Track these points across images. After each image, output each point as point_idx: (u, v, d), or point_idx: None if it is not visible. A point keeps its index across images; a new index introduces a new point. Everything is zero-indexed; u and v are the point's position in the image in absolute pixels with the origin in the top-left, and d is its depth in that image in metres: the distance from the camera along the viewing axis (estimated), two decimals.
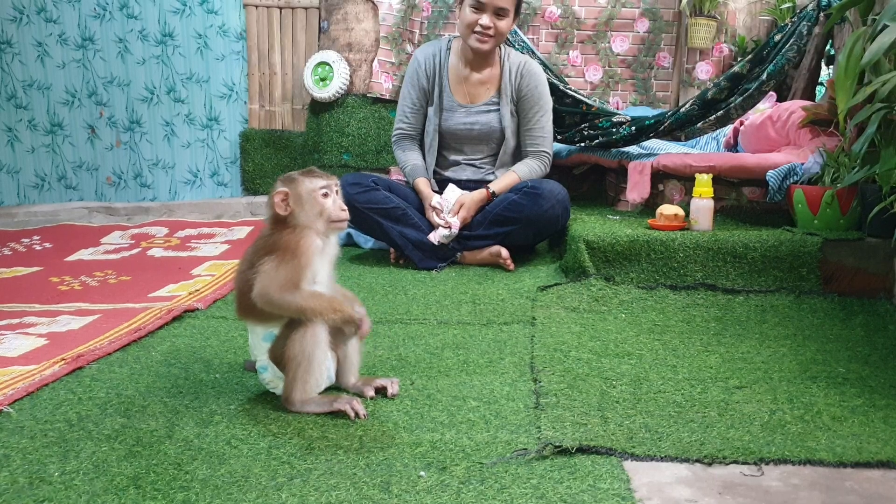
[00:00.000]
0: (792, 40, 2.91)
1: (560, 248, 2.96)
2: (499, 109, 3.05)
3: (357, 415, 1.59)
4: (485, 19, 2.90)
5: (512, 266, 2.83)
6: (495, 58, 3.08)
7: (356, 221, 2.95)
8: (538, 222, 2.85)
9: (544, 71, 3.26)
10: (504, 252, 2.84)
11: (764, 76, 2.95)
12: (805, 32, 2.91)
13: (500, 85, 3.05)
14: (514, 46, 3.27)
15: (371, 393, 1.70)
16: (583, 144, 3.34)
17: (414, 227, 2.89)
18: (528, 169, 3.02)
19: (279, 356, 1.63)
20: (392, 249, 3.02)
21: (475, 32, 2.93)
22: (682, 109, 3.14)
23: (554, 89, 3.26)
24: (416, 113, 3.14)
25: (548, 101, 3.08)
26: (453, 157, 3.13)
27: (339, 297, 1.67)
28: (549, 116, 3.08)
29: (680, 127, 3.15)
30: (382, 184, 2.95)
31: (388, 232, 2.90)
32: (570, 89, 3.37)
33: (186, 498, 1.26)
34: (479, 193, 2.96)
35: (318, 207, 1.65)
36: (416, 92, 3.12)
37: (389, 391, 1.71)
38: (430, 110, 3.11)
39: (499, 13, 2.91)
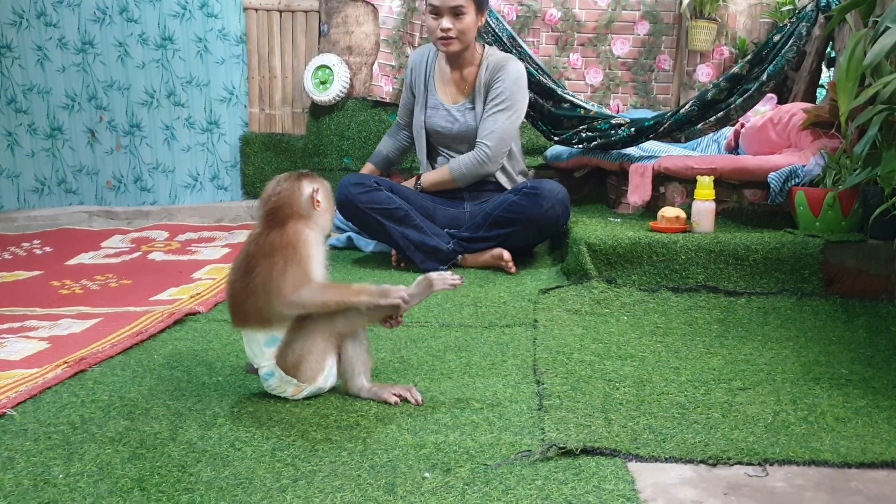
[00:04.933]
0: (791, 41, 2.91)
1: (561, 251, 2.96)
2: (474, 108, 3.05)
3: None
4: (444, 22, 2.91)
5: (513, 269, 2.83)
6: (475, 58, 3.06)
7: (358, 222, 2.98)
8: (538, 222, 2.85)
9: (540, 75, 3.27)
10: (506, 255, 2.83)
11: (764, 77, 2.94)
12: (804, 33, 2.91)
13: (475, 84, 3.05)
14: (511, 51, 3.24)
15: (395, 399, 1.68)
16: (580, 147, 3.32)
17: (416, 229, 2.89)
18: (458, 163, 3.01)
19: (289, 362, 1.64)
20: (393, 251, 3.02)
21: (439, 39, 2.95)
22: (682, 110, 3.13)
23: (551, 93, 3.29)
24: (408, 109, 3.27)
25: (512, 102, 2.98)
26: (439, 158, 3.17)
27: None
28: (509, 116, 2.98)
29: (679, 128, 3.14)
30: (384, 185, 2.95)
31: (389, 232, 2.90)
32: (567, 93, 3.35)
33: (191, 500, 1.26)
34: (408, 183, 3.06)
35: (334, 207, 1.75)
36: (406, 91, 3.25)
37: (412, 399, 1.68)
38: (416, 109, 3.16)
39: (455, 13, 2.90)
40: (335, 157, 4.04)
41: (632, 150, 3.30)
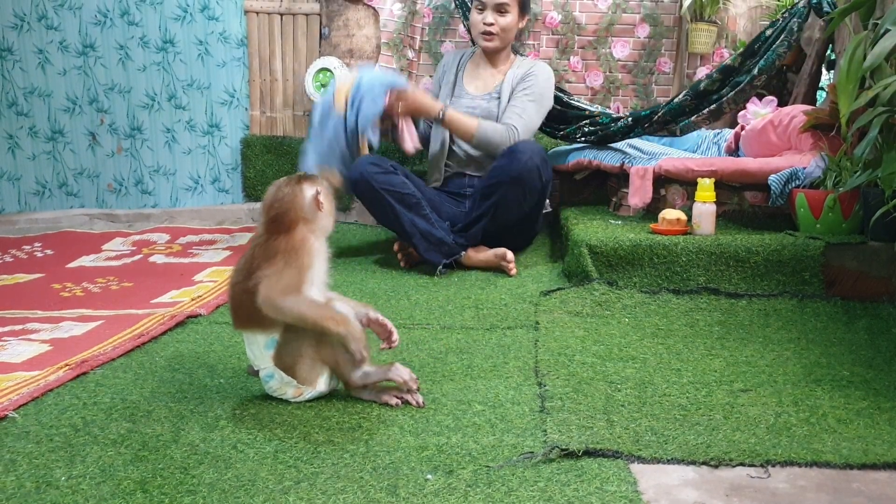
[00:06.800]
0: (783, 36, 3.03)
1: (562, 253, 2.96)
2: (499, 98, 3.15)
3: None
4: (488, 17, 3.11)
5: (514, 270, 2.83)
6: (509, 61, 3.26)
7: (369, 202, 2.98)
8: (520, 178, 2.85)
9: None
10: (509, 255, 2.84)
11: (755, 70, 3.04)
12: (795, 29, 3.02)
13: (506, 77, 3.18)
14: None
15: (396, 401, 1.67)
16: (583, 140, 3.42)
17: (425, 219, 2.91)
18: (488, 124, 3.04)
19: (287, 363, 1.64)
20: (396, 246, 3.01)
21: (481, 33, 3.14)
22: (676, 100, 3.22)
23: (558, 100, 3.40)
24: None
25: (541, 96, 3.14)
26: (451, 154, 3.23)
27: (347, 311, 1.68)
28: (537, 109, 3.13)
29: (674, 118, 3.21)
30: (401, 171, 3.00)
31: (399, 216, 2.90)
32: (573, 99, 3.51)
33: (193, 502, 1.26)
34: (433, 106, 3.00)
35: (333, 209, 1.72)
36: (434, 86, 3.38)
37: (413, 401, 1.68)
38: (442, 95, 3.27)
39: (499, 9, 3.11)
40: None
41: (632, 152, 3.31)
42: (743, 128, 3.30)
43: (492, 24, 3.10)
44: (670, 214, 2.71)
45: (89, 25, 4.16)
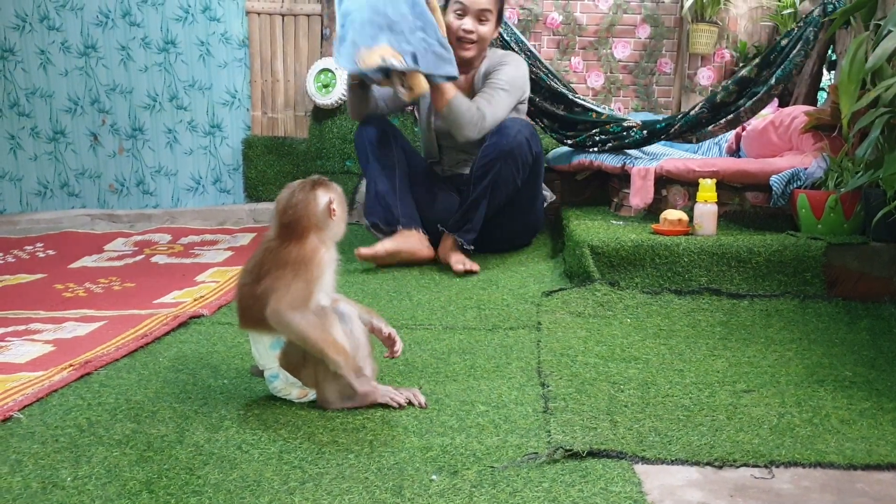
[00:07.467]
0: (799, 45, 2.98)
1: (564, 254, 2.96)
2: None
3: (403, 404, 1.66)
4: (467, 23, 2.96)
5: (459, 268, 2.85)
6: (480, 61, 3.10)
7: (362, 140, 3.03)
8: (512, 152, 2.83)
9: (551, 79, 3.31)
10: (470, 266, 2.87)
11: (773, 80, 3.00)
12: (811, 38, 2.97)
13: (474, 81, 3.08)
14: (520, 56, 3.28)
15: (395, 404, 1.68)
16: (595, 150, 3.37)
17: (391, 186, 2.95)
18: (465, 100, 2.89)
19: (292, 364, 1.64)
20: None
21: (459, 39, 2.98)
22: (692, 112, 3.19)
23: (563, 98, 3.37)
24: (392, 99, 3.16)
25: (511, 86, 2.99)
26: (444, 157, 3.21)
27: (351, 314, 1.69)
28: (507, 96, 2.97)
29: (690, 129, 3.20)
30: (404, 147, 3.03)
31: (368, 170, 2.99)
32: (578, 98, 3.44)
33: (199, 502, 1.26)
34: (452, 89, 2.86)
35: (346, 215, 1.70)
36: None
37: (415, 402, 1.69)
38: (422, 111, 3.18)
39: (481, 17, 2.97)
40: (337, 160, 4.05)
41: (634, 153, 3.31)
42: (744, 128, 3.30)
43: (471, 32, 2.97)
44: (672, 215, 2.72)
45: (91, 26, 4.17)
